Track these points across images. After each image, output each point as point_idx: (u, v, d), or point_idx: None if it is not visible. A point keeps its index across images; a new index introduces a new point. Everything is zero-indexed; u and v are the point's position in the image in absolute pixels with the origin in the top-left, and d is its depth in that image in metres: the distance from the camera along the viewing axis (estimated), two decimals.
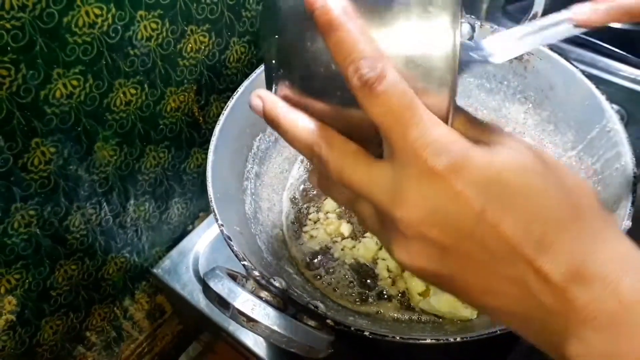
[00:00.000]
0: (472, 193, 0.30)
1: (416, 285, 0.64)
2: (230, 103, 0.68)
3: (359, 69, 0.30)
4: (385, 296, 0.66)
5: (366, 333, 0.52)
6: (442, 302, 0.61)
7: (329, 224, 0.72)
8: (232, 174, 0.68)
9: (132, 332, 0.83)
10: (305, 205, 0.75)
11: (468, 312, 0.60)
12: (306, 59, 0.34)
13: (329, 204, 0.74)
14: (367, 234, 0.71)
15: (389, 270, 0.67)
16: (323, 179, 0.37)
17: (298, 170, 0.79)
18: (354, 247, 0.70)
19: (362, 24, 0.32)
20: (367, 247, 0.69)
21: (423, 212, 0.31)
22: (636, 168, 0.60)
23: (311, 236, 0.71)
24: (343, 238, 0.71)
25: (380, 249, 0.69)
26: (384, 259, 0.69)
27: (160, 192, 0.76)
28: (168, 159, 0.75)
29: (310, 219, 0.73)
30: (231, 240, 0.56)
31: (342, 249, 0.69)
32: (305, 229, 0.73)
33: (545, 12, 0.73)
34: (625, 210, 0.58)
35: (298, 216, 0.74)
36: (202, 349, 0.94)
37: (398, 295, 0.65)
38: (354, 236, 0.71)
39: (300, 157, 0.79)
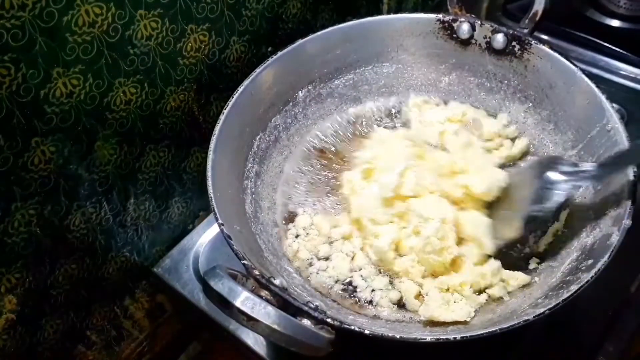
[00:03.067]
0: None
1: (409, 289, 0.64)
2: (231, 102, 0.68)
3: None
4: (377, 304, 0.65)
5: (366, 332, 0.52)
6: (436, 308, 0.61)
7: (310, 239, 0.70)
8: (232, 173, 0.68)
9: (133, 331, 0.83)
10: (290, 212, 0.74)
11: (464, 314, 0.60)
12: None
13: (302, 220, 0.72)
14: (335, 250, 0.69)
15: (364, 279, 0.66)
16: None
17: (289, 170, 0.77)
18: (327, 267, 0.68)
19: None
20: (339, 265, 0.67)
21: None
22: (636, 167, 0.60)
23: (294, 250, 0.69)
24: (318, 259, 0.68)
25: (353, 259, 0.68)
26: (356, 270, 0.67)
27: (161, 191, 0.76)
28: (168, 158, 0.75)
29: (291, 233, 0.71)
30: (231, 240, 0.56)
31: (317, 273, 0.67)
32: (288, 242, 0.70)
33: (545, 12, 0.73)
34: (625, 209, 0.58)
35: (287, 217, 0.73)
36: (202, 348, 0.94)
37: (390, 302, 0.65)
38: (326, 258, 0.68)
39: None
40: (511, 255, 0.66)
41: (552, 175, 0.60)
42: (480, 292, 0.64)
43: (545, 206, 0.60)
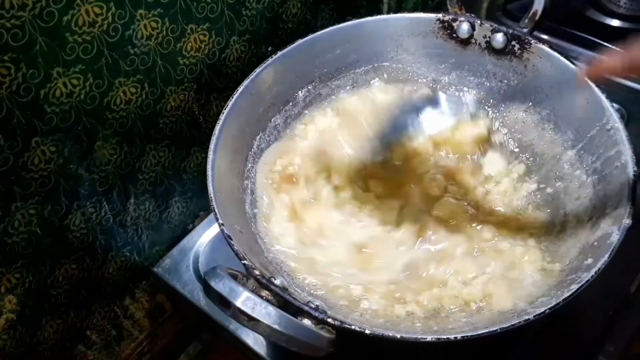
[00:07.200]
0: None
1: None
2: (231, 102, 0.68)
3: None
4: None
5: (367, 332, 0.52)
6: None
7: None
8: (233, 173, 0.68)
9: (133, 331, 0.83)
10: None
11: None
12: None
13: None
14: None
15: None
16: None
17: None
18: None
19: None
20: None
21: None
22: (636, 167, 0.60)
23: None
24: None
25: None
26: None
27: (161, 191, 0.76)
28: (168, 158, 0.75)
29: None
30: (231, 239, 0.56)
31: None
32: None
33: (545, 11, 0.73)
34: (625, 209, 0.58)
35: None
36: (203, 348, 0.94)
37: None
38: None
39: None
40: None
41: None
42: None
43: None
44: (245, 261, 0.54)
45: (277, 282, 0.53)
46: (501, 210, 0.72)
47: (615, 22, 0.96)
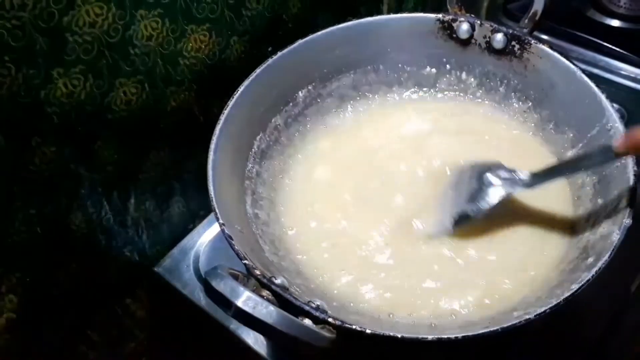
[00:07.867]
0: None
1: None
2: (231, 102, 0.68)
3: None
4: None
5: (367, 331, 0.52)
6: None
7: None
8: (233, 173, 0.68)
9: (133, 331, 0.84)
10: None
11: None
12: None
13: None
14: None
15: None
16: None
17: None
18: None
19: None
20: None
21: None
22: (636, 167, 0.60)
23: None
24: None
25: None
26: None
27: (161, 191, 0.76)
28: (169, 158, 0.75)
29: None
30: (232, 240, 0.56)
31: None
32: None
33: (545, 11, 0.73)
34: (625, 208, 0.58)
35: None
36: (202, 348, 0.94)
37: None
38: None
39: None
40: None
41: (491, 177, 0.64)
42: None
43: (480, 206, 0.64)
44: (246, 261, 0.54)
45: (278, 281, 0.53)
46: None
47: (615, 22, 0.96)
